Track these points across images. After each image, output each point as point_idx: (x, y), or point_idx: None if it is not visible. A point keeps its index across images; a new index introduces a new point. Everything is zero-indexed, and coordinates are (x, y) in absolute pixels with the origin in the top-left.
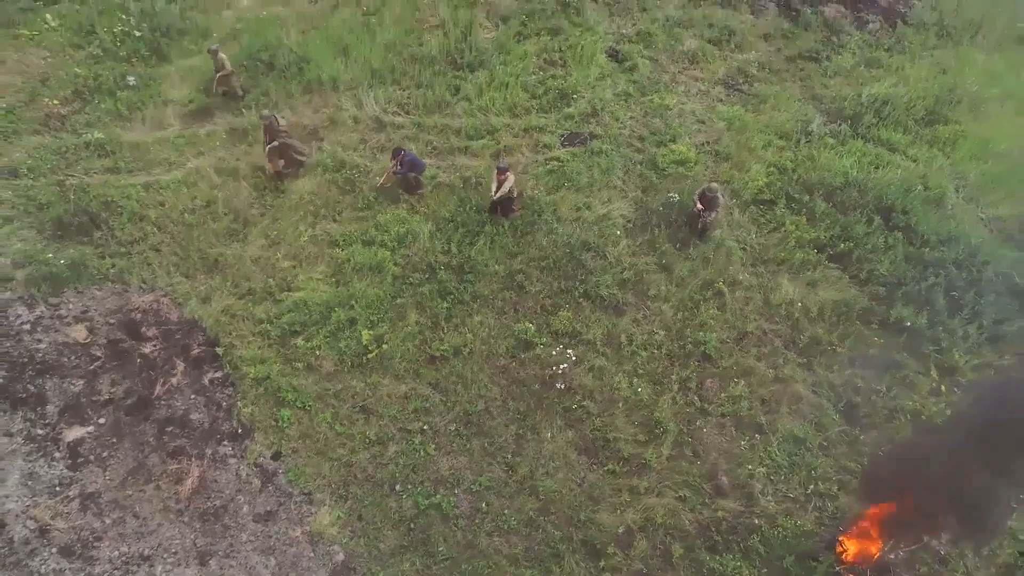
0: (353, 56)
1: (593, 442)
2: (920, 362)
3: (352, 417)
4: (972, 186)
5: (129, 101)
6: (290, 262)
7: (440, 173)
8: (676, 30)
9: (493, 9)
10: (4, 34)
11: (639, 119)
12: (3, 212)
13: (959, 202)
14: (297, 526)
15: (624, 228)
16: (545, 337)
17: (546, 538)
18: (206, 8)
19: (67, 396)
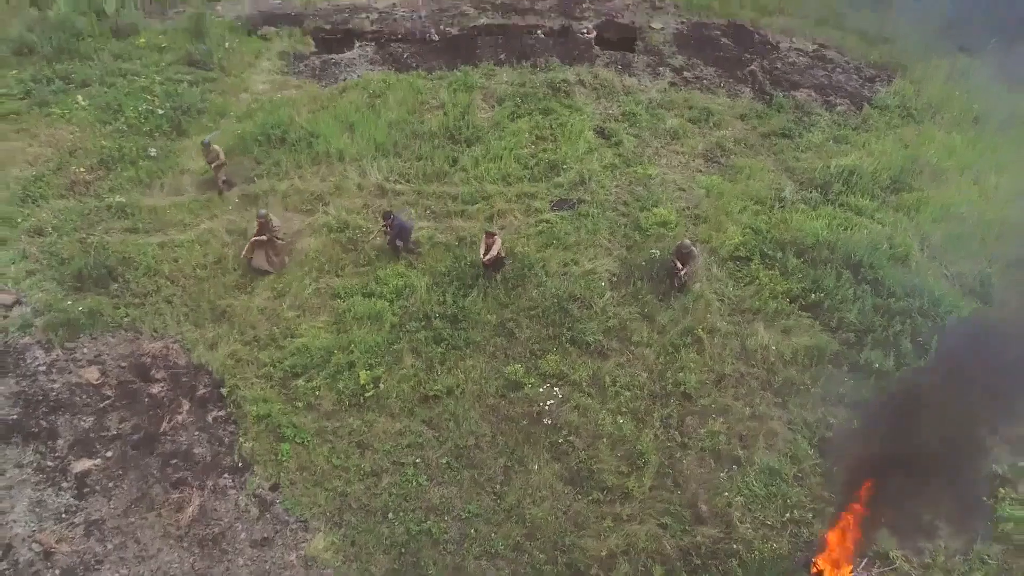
0: (359, 132)
1: (578, 473)
2: None
3: (348, 451)
4: (935, 245)
5: (149, 170)
6: (294, 312)
7: (437, 234)
8: (658, 111)
9: (489, 93)
10: (38, 112)
11: (624, 187)
12: (28, 266)
13: (923, 259)
14: (292, 551)
15: (609, 281)
16: (533, 378)
17: (532, 561)
18: (224, 91)
19: (77, 431)
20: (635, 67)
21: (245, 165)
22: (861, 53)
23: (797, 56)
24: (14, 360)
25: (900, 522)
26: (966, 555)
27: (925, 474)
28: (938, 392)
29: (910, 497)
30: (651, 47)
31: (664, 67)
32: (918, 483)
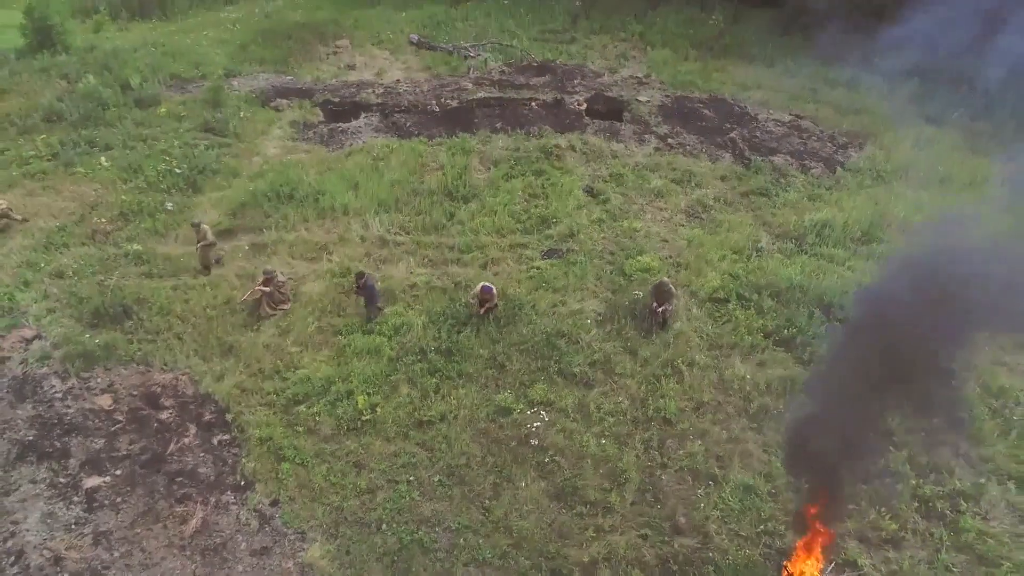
0: (362, 190)
1: (563, 489)
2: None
3: (345, 471)
4: None
5: (166, 222)
6: (297, 348)
7: (434, 279)
8: (644, 172)
9: (486, 156)
10: (64, 172)
11: (610, 238)
12: (48, 304)
13: None
14: (290, 559)
15: (595, 320)
16: (522, 404)
17: (518, 568)
18: (237, 154)
19: (89, 451)
20: (622, 135)
21: (255, 217)
22: (834, 123)
23: (774, 126)
24: (32, 388)
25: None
26: (931, 564)
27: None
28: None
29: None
30: (637, 117)
31: (650, 134)
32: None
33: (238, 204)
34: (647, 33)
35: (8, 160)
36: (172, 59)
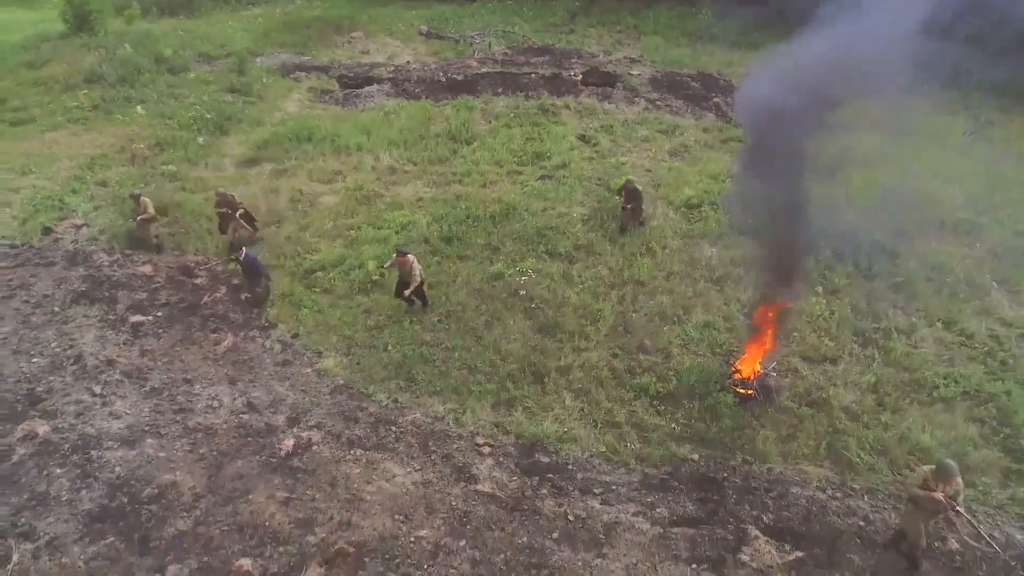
0: (374, 134)
1: (545, 325)
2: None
3: (356, 315)
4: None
5: (197, 152)
6: (315, 239)
7: (438, 195)
8: (633, 126)
9: (488, 113)
10: (104, 118)
11: (599, 170)
12: (95, 204)
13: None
14: (308, 367)
15: (581, 219)
16: (512, 270)
17: (505, 372)
18: (261, 109)
19: (133, 300)
20: (614, 98)
21: (276, 151)
22: None
23: None
24: (83, 258)
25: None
26: (863, 374)
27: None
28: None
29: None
30: (629, 87)
31: (639, 99)
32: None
33: (262, 141)
34: (641, 25)
35: (54, 110)
36: (200, 41)
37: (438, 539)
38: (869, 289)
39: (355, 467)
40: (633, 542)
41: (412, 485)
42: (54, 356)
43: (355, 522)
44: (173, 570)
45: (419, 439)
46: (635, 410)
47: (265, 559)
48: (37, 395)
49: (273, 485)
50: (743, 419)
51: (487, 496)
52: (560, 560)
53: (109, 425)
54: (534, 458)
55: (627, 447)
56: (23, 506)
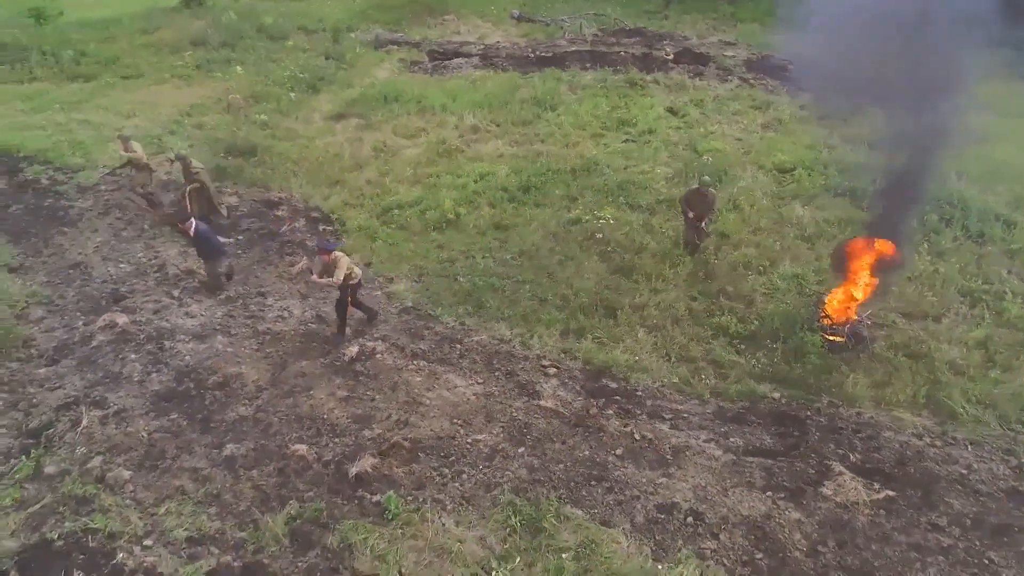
0: (459, 99)
1: (621, 267)
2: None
3: (429, 248)
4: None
5: (289, 105)
6: (395, 183)
7: (520, 152)
8: (725, 101)
9: (575, 85)
10: (205, 75)
11: (686, 138)
12: (189, 142)
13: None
14: (378, 290)
15: (665, 179)
16: (589, 216)
17: (576, 304)
18: (352, 73)
19: (217, 225)
20: (706, 75)
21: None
22: None
23: None
24: (174, 187)
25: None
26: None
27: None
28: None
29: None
30: (722, 67)
31: (733, 77)
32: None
33: (351, 100)
34: (738, 12)
35: (160, 68)
36: (300, 16)
37: (496, 444)
38: (980, 253)
39: (417, 376)
40: (703, 466)
41: (473, 396)
42: (139, 264)
43: (412, 422)
44: (231, 448)
45: (483, 357)
46: (712, 347)
47: (320, 447)
48: (121, 294)
49: (334, 384)
50: (831, 362)
51: (549, 411)
52: (623, 475)
53: (183, 322)
54: (601, 383)
55: (702, 381)
56: (97, 382)
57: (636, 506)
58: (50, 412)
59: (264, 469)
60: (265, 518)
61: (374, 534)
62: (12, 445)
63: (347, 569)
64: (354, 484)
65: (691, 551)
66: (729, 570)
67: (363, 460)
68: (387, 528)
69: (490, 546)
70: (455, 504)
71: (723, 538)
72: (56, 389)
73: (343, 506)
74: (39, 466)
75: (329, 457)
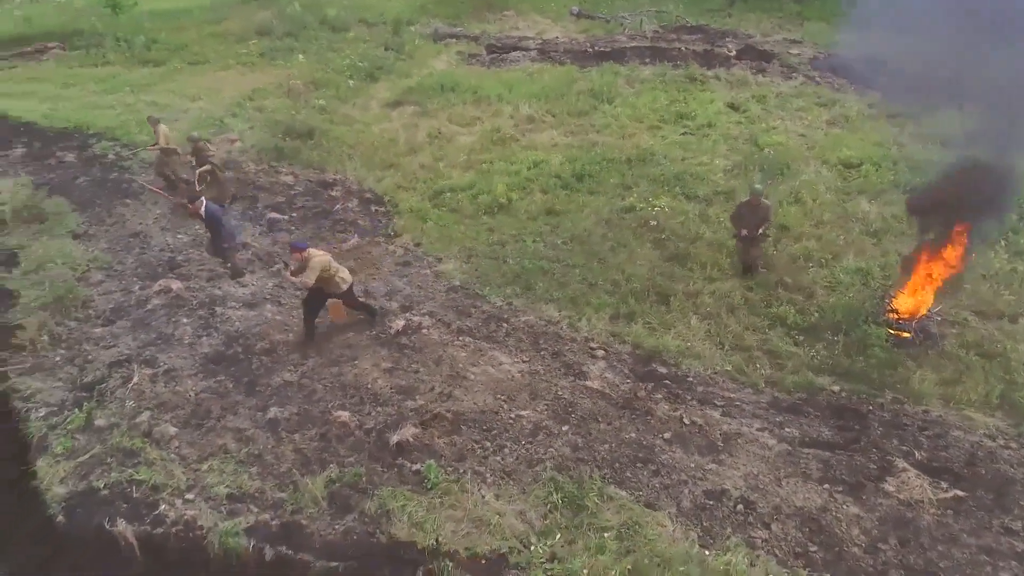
0: (515, 90)
1: (675, 255)
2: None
3: (479, 231)
4: None
5: (347, 92)
6: (448, 169)
7: (575, 142)
8: (788, 98)
9: (633, 79)
10: (268, 63)
11: (747, 133)
12: (250, 124)
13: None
14: (427, 269)
15: (723, 171)
16: (644, 204)
17: (627, 289)
18: (411, 64)
19: (272, 202)
20: (769, 72)
21: (420, 97)
22: None
23: None
24: (234, 164)
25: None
26: None
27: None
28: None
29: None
30: (786, 64)
31: (797, 75)
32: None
33: (408, 88)
34: (805, 11)
35: (226, 55)
36: (362, 9)
37: (539, 420)
38: None
39: (462, 351)
40: (755, 454)
41: (518, 373)
42: (196, 235)
43: (456, 396)
44: (275, 411)
45: (530, 337)
46: (768, 338)
47: (363, 415)
48: (176, 262)
49: (379, 355)
50: (896, 358)
51: (596, 392)
52: (670, 459)
53: (235, 290)
54: (650, 367)
55: (756, 370)
56: (150, 342)
57: (683, 491)
58: (103, 368)
59: (306, 433)
60: (305, 480)
61: (412, 502)
62: (66, 398)
63: (384, 534)
64: (395, 452)
65: (740, 539)
66: (781, 561)
67: (404, 429)
68: (425, 497)
69: (530, 521)
70: (496, 477)
71: (775, 528)
72: (110, 348)
73: (383, 473)
74: (90, 419)
75: (371, 425)
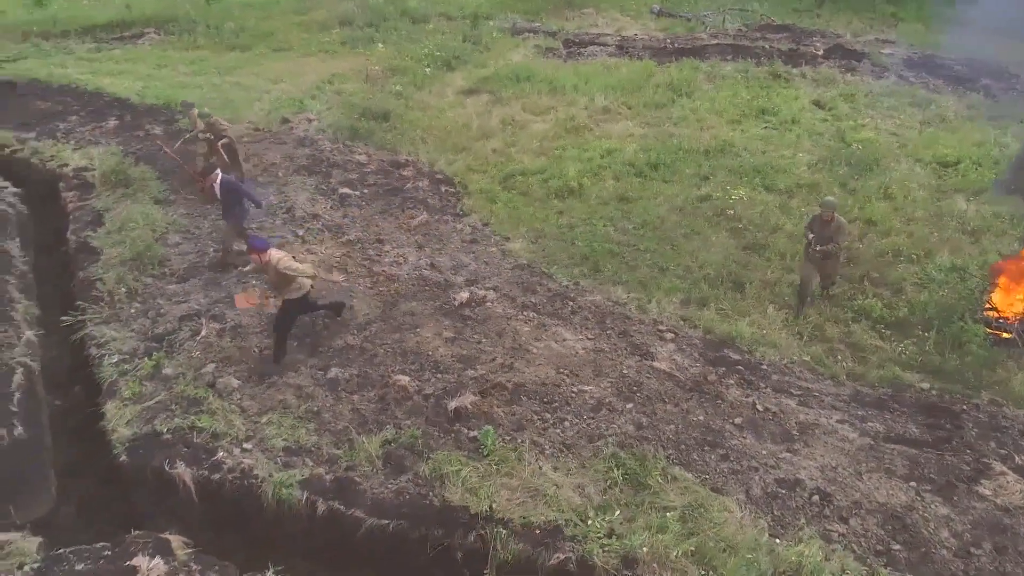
0: (592, 81)
1: (752, 244)
2: None
3: (549, 214)
4: None
5: (423, 79)
6: (520, 154)
7: (650, 132)
8: (879, 97)
9: (713, 75)
10: (349, 51)
11: (833, 130)
12: (328, 106)
13: None
14: (494, 247)
15: (807, 165)
16: (720, 193)
17: (700, 275)
18: (488, 55)
19: (345, 177)
20: (859, 71)
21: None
22: None
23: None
24: (310, 142)
25: None
26: None
27: None
28: None
29: None
30: (878, 64)
31: (890, 74)
32: None
33: (483, 78)
34: (900, 12)
35: (309, 43)
36: (441, 2)
37: (602, 397)
38: None
39: (525, 325)
40: (834, 446)
41: (582, 350)
42: (270, 205)
43: (517, 367)
44: (335, 371)
45: (596, 316)
46: (852, 330)
47: (422, 381)
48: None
49: (442, 325)
50: (994, 357)
51: (663, 373)
52: (740, 445)
53: (303, 256)
54: (722, 352)
55: (838, 362)
56: (219, 300)
57: (754, 477)
58: (174, 322)
59: (365, 394)
60: (361, 439)
61: (467, 467)
62: (138, 347)
63: (437, 497)
64: (452, 418)
65: (815, 531)
66: (859, 557)
67: (463, 397)
68: (481, 463)
69: (588, 495)
70: (554, 449)
71: (853, 523)
72: (182, 303)
73: (439, 438)
74: (158, 367)
75: (430, 391)
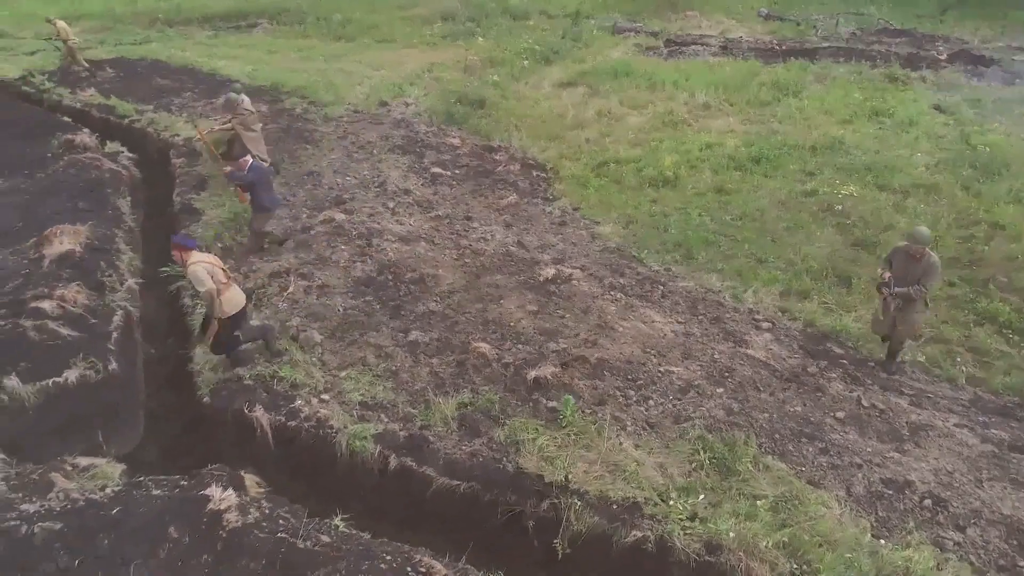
0: (693, 78)
1: (863, 240)
2: None
3: (641, 201)
4: None
5: (521, 71)
6: (615, 144)
7: (752, 129)
8: (1011, 103)
9: (822, 76)
10: (450, 44)
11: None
12: (425, 91)
13: None
14: (583, 230)
15: (925, 166)
16: (828, 189)
17: (804, 268)
18: (587, 52)
19: (438, 159)
20: (987, 76)
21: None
22: None
23: None
24: (405, 124)
25: None
26: None
27: None
28: None
29: None
30: (1009, 70)
31: (1022, 80)
32: None
33: (581, 72)
34: None
35: (411, 36)
36: (542, 1)
37: (691, 379)
38: None
39: (612, 305)
40: (950, 450)
41: (671, 332)
42: (363, 179)
43: (601, 344)
44: (416, 335)
45: (687, 301)
46: (974, 334)
47: (502, 350)
48: (343, 199)
49: (526, 298)
50: None
51: (758, 361)
52: (842, 440)
53: (393, 227)
54: (825, 346)
55: (956, 365)
56: (308, 261)
57: (856, 475)
58: (264, 277)
59: (444, 358)
60: (437, 400)
61: (544, 436)
62: None
63: (511, 463)
64: (531, 387)
65: (925, 537)
66: (977, 570)
67: (544, 367)
68: (559, 433)
69: (671, 476)
70: (637, 427)
71: (971, 533)
72: (273, 262)
73: (516, 405)
74: None
75: (509, 360)
